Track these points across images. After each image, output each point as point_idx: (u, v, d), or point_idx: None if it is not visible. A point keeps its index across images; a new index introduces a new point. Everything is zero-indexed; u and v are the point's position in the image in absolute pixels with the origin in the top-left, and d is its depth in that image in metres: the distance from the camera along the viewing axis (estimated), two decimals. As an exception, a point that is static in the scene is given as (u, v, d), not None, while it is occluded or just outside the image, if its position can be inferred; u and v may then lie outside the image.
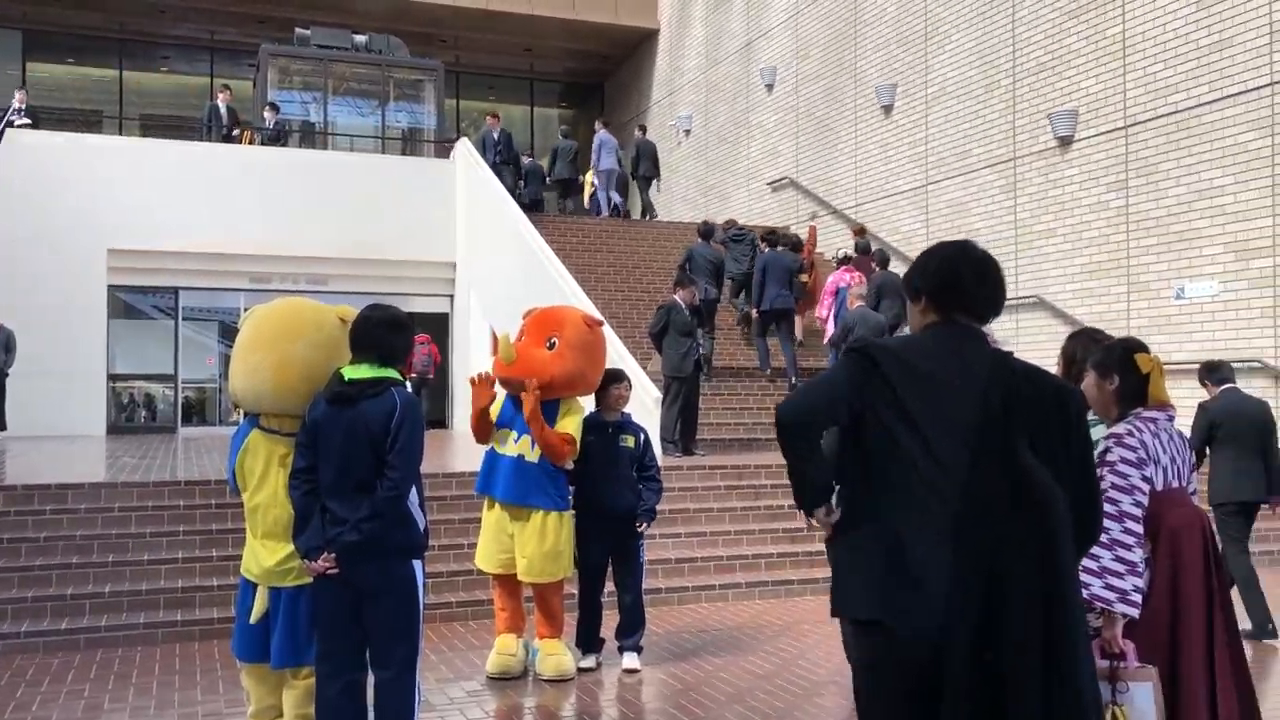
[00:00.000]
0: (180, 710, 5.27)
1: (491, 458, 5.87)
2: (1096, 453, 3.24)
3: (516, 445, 5.76)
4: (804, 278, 13.87)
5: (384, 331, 4.04)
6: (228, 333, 18.21)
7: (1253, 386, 11.18)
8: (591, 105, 29.46)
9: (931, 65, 15.93)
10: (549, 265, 13.29)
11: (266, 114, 18.01)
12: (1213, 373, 7.43)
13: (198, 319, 18.12)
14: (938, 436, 2.52)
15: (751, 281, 13.53)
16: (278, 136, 18.01)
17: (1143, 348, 3.48)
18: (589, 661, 5.99)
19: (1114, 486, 3.22)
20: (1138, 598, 3.17)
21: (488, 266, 16.22)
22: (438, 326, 18.44)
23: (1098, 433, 3.42)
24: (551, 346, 5.83)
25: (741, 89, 21.32)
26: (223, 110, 18.00)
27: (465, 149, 17.48)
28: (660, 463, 6.47)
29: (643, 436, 6.14)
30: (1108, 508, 3.15)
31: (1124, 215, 12.66)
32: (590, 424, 5.97)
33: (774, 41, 20.19)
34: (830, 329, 12.80)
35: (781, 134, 19.85)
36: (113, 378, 16.77)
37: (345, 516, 3.88)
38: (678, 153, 23.75)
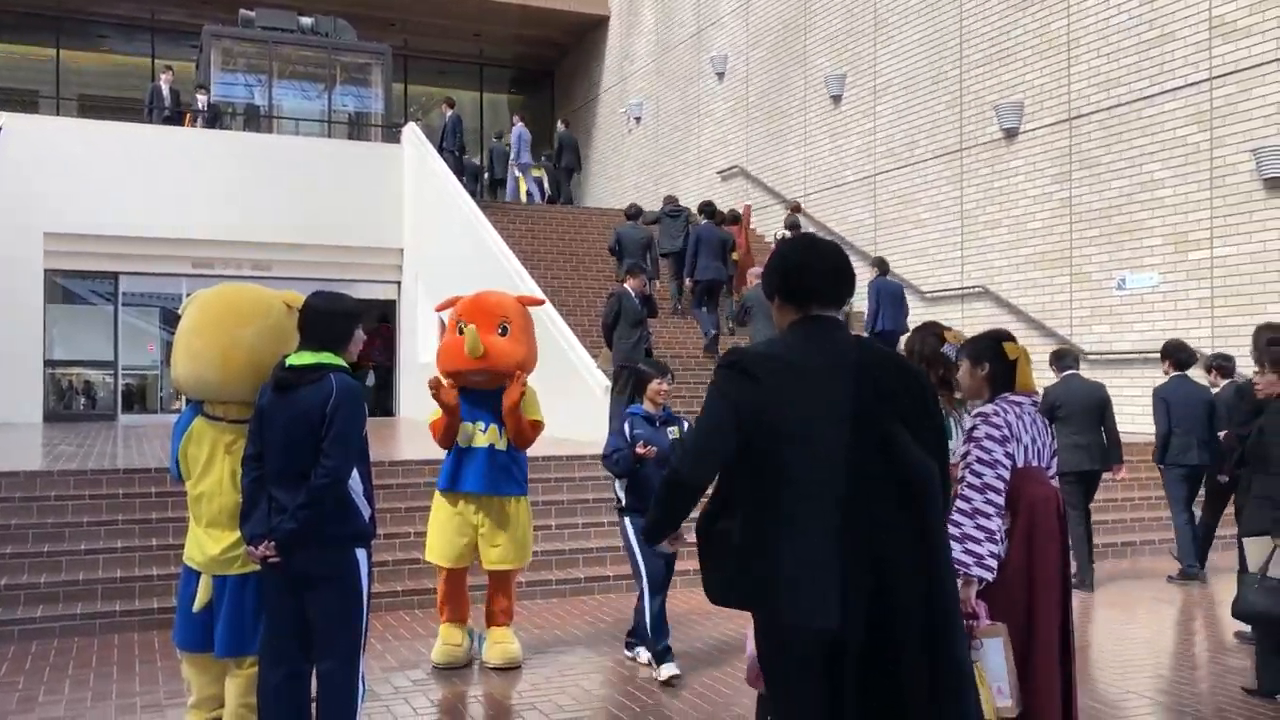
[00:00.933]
0: (118, 701, 5.17)
1: (457, 454, 5.76)
2: (965, 429, 3.65)
3: (485, 436, 5.70)
4: (735, 255, 13.99)
5: (326, 317, 3.98)
6: (169, 319, 17.88)
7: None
8: (542, 91, 29.30)
9: (880, 56, 16.03)
10: (497, 252, 13.21)
11: (199, 95, 17.71)
12: (1059, 360, 8.53)
13: (138, 305, 17.77)
14: (819, 431, 2.62)
15: (685, 256, 13.73)
16: (214, 119, 17.70)
17: (1009, 337, 3.78)
18: (674, 668, 5.59)
19: (978, 460, 3.51)
20: (993, 563, 3.45)
21: (435, 253, 16.08)
22: (384, 313, 18.28)
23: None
24: (505, 333, 5.76)
25: (692, 77, 21.32)
26: (165, 92, 17.67)
27: (414, 134, 17.31)
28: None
29: (686, 426, 5.89)
30: (971, 479, 3.50)
31: (1067, 207, 12.85)
32: (638, 419, 5.77)
33: (725, 30, 20.21)
34: None
35: (732, 122, 19.88)
36: (50, 364, 16.42)
37: (286, 504, 3.84)
38: (629, 140, 23.71)
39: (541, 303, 6.13)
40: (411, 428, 14.09)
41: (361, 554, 4.01)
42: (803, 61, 17.83)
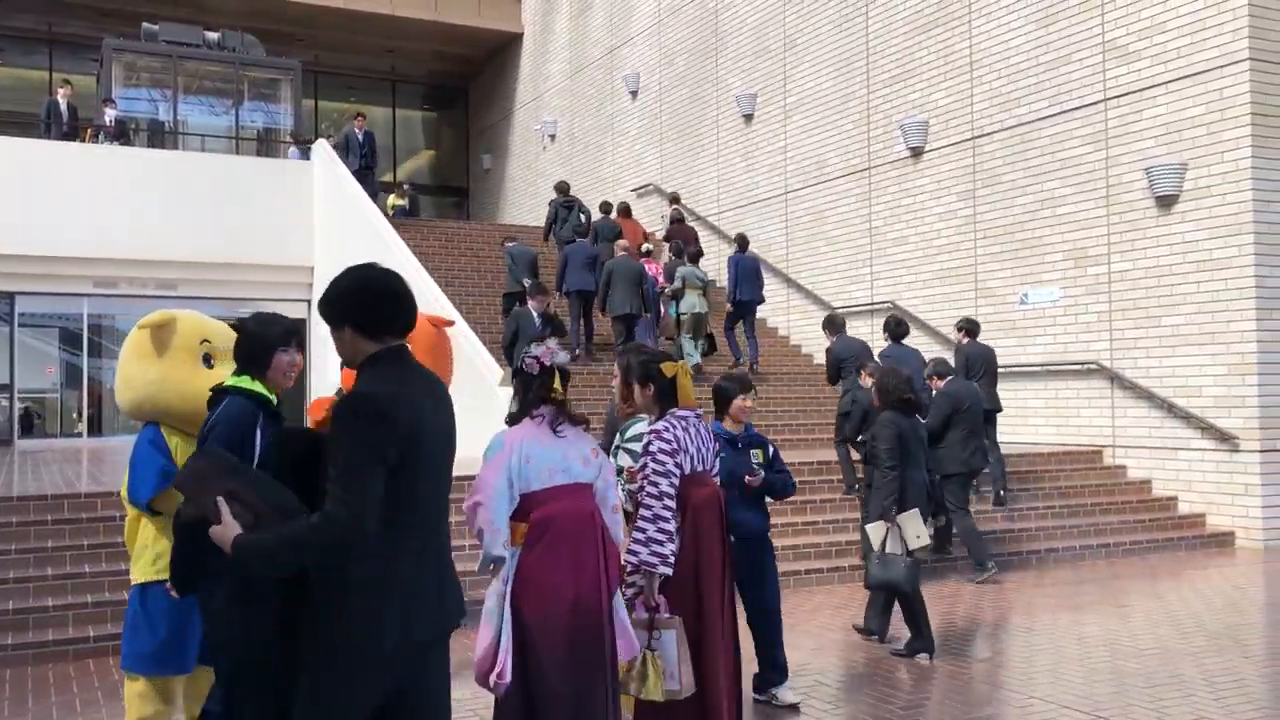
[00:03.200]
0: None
1: None
2: (641, 444, 4.14)
3: None
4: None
5: (246, 339, 3.83)
6: (70, 339, 17.33)
7: (1091, 387, 11.79)
8: (455, 108, 29.15)
9: (790, 75, 16.27)
10: (410, 269, 13.07)
11: (106, 109, 17.23)
12: (937, 367, 9.13)
13: (36, 325, 17.19)
14: (430, 462, 2.73)
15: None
16: (120, 134, 17.23)
17: (669, 358, 4.31)
18: (795, 695, 5.39)
19: (654, 471, 4.02)
20: (673, 559, 3.97)
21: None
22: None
23: (640, 428, 4.34)
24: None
25: (606, 95, 21.40)
26: (63, 107, 17.16)
27: (324, 150, 17.07)
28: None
29: (771, 450, 5.42)
30: (650, 489, 4.00)
31: (972, 223, 13.16)
32: (718, 439, 5.09)
33: (637, 49, 20.33)
34: None
35: (646, 141, 19.98)
36: (-60, 387, 15.79)
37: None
38: (543, 157, 23.70)
39: (451, 323, 6.01)
40: (323, 449, 13.81)
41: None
42: (715, 80, 18.02)
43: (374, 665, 2.63)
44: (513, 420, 3.66)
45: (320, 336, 17.22)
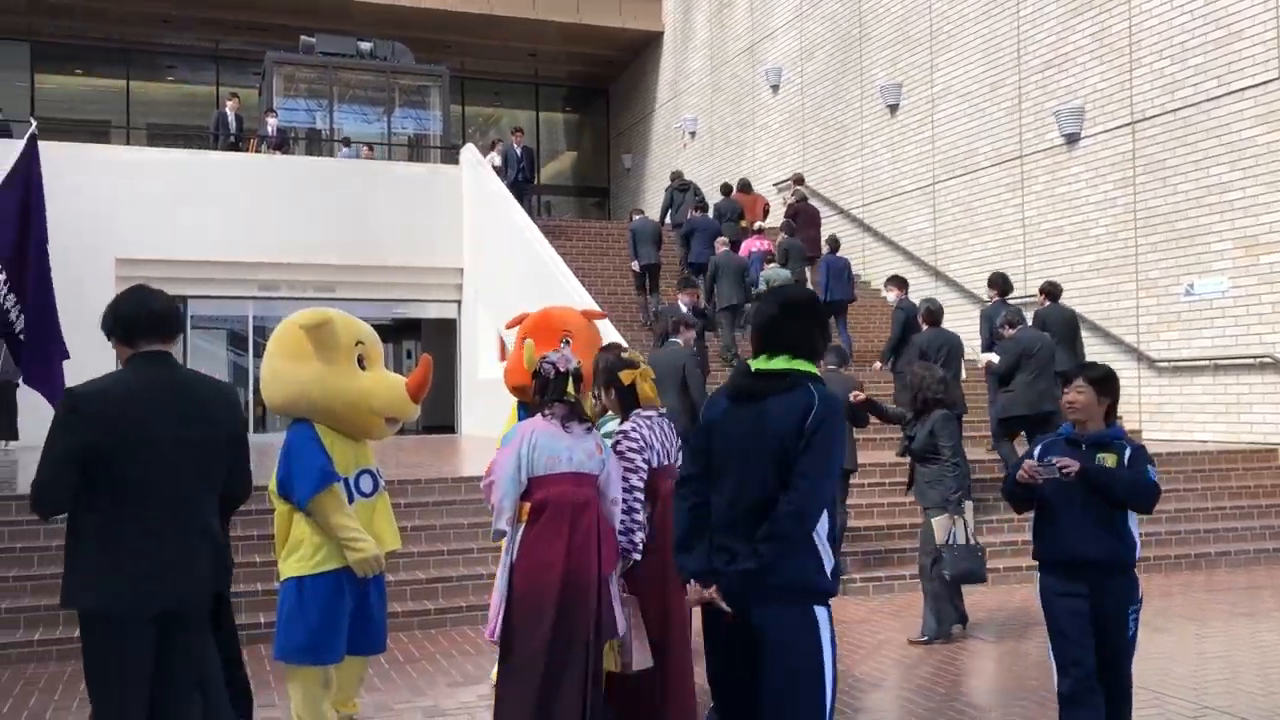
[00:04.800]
0: None
1: None
2: (611, 443, 4.41)
3: None
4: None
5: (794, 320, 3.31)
6: (236, 341, 18.23)
7: (1265, 382, 11.15)
8: (597, 109, 29.47)
9: (937, 64, 15.90)
10: (555, 270, 13.30)
11: (268, 120, 18.04)
12: (1010, 316, 9.72)
13: (206, 327, 18.14)
14: (156, 453, 3.30)
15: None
16: (281, 143, 18.01)
17: (628, 365, 4.55)
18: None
19: (626, 469, 4.35)
20: (642, 546, 4.33)
21: (494, 272, 16.22)
22: (445, 332, 18.45)
23: (610, 426, 4.62)
24: (566, 345, 5.79)
25: (747, 90, 21.31)
26: (230, 118, 18.02)
27: (472, 154, 17.49)
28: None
29: (1130, 451, 4.03)
30: (624, 484, 4.34)
31: (1131, 212, 12.62)
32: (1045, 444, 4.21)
33: (778, 43, 20.18)
34: None
35: (787, 135, 19.83)
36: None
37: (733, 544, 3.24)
38: (683, 155, 23.75)
39: (604, 316, 6.20)
40: (472, 444, 14.19)
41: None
42: (858, 71, 17.75)
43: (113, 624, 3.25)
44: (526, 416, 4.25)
45: (469, 334, 17.69)
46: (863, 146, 17.59)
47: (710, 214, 15.43)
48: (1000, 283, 10.80)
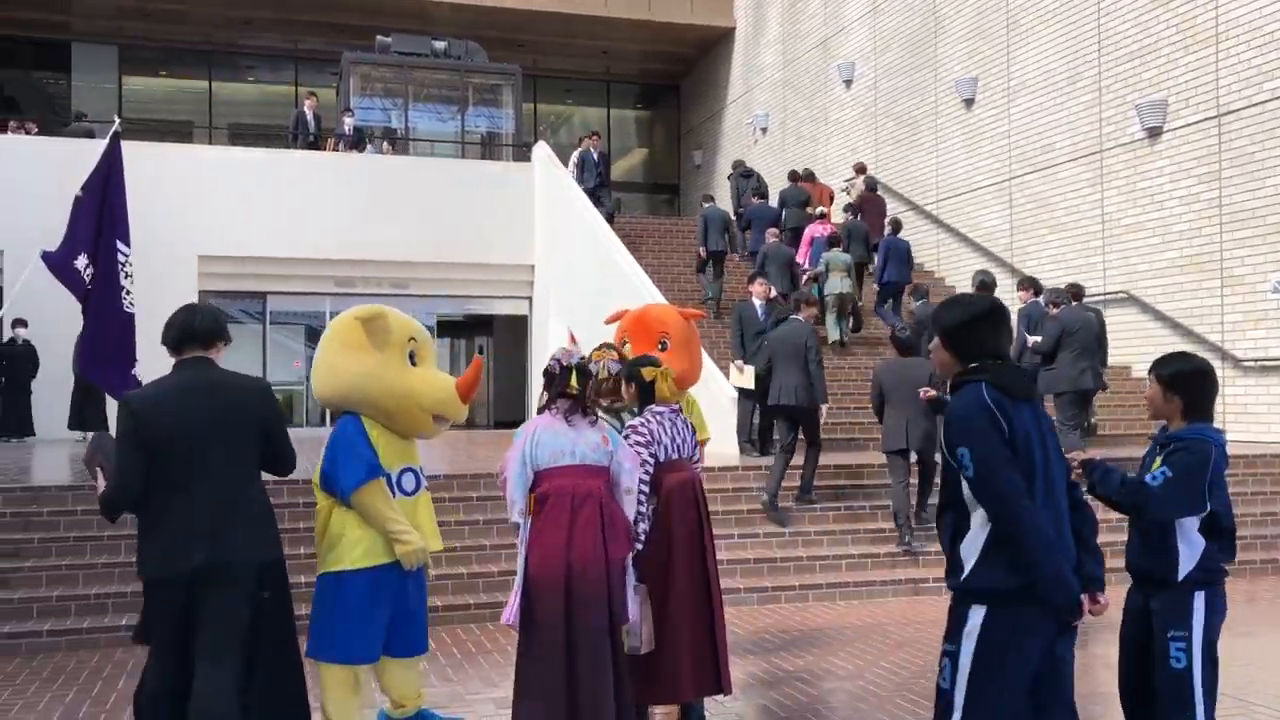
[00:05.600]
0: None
1: None
2: (622, 435, 4.56)
3: None
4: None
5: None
6: (314, 336, 18.57)
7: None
8: (667, 105, 29.47)
9: (1014, 57, 15.63)
10: (626, 267, 13.33)
11: (345, 119, 18.33)
12: (1053, 296, 10.34)
13: (284, 323, 18.51)
14: (190, 442, 3.87)
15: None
16: (357, 141, 18.28)
17: (650, 362, 4.78)
18: None
19: (631, 461, 4.47)
20: (645, 536, 4.49)
21: (565, 269, 16.31)
22: (516, 329, 18.61)
23: (629, 420, 4.78)
24: (664, 347, 5.74)
25: (819, 85, 21.15)
26: (309, 117, 18.33)
27: (544, 152, 17.60)
28: (739, 463, 6.39)
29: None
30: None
31: (1216, 207, 12.28)
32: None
33: (851, 37, 19.99)
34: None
35: (861, 130, 19.64)
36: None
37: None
38: (755, 151, 23.65)
39: (702, 316, 6.25)
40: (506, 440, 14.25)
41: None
42: (932, 65, 17.51)
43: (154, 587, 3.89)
44: (540, 411, 4.38)
45: (540, 331, 17.83)
46: (937, 141, 17.36)
47: (775, 201, 16.02)
48: (1031, 284, 11.26)
